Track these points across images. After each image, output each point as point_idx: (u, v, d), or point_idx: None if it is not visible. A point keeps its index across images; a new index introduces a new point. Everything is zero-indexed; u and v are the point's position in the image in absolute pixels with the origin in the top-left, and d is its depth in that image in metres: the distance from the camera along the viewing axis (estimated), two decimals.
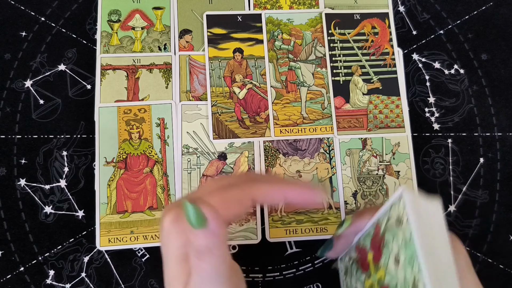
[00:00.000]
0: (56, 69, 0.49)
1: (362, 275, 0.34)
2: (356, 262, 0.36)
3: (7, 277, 0.44)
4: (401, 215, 0.29)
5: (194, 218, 0.26)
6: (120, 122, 0.47)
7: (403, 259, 0.28)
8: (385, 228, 0.31)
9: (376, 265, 0.32)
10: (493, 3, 0.55)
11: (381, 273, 0.31)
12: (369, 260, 0.33)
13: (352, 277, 0.37)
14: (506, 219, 0.48)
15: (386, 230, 0.31)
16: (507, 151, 0.50)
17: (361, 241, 0.35)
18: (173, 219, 0.28)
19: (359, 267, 0.35)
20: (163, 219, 0.29)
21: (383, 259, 0.31)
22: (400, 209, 0.29)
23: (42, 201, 0.46)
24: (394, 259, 0.29)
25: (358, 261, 0.35)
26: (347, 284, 0.38)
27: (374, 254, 0.32)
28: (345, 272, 0.39)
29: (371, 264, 0.33)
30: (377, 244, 0.32)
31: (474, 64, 0.53)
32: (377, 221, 0.32)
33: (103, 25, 0.50)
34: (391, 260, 0.30)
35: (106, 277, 0.44)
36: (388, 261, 0.30)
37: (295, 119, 0.49)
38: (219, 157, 0.48)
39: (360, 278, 0.35)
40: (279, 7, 0.53)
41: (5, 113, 0.48)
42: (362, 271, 0.34)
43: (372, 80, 0.51)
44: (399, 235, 0.29)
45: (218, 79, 0.49)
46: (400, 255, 0.29)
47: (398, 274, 0.29)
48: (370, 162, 0.48)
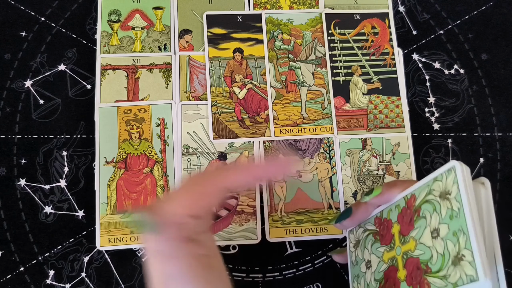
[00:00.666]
0: (56, 69, 0.49)
1: (381, 248, 0.34)
2: (374, 235, 0.36)
3: (7, 277, 0.44)
4: (449, 188, 0.29)
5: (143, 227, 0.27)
6: (120, 122, 0.47)
7: (445, 233, 0.28)
8: (424, 200, 0.31)
9: (403, 237, 0.32)
10: (493, 3, 0.55)
11: (410, 246, 0.31)
12: (394, 232, 0.33)
13: (364, 249, 0.36)
14: (506, 219, 0.48)
15: (425, 202, 0.31)
16: (507, 151, 0.50)
17: (384, 214, 0.35)
18: None
19: (377, 240, 0.35)
20: None
21: (415, 231, 0.31)
22: (448, 182, 0.29)
23: (42, 201, 0.46)
24: (431, 232, 0.29)
25: (377, 234, 0.35)
26: (356, 256, 0.38)
27: (402, 227, 0.32)
28: (355, 245, 0.38)
29: (396, 236, 0.32)
30: (408, 217, 0.32)
31: (474, 64, 0.53)
32: (413, 194, 0.32)
33: (103, 25, 0.50)
34: (427, 232, 0.30)
35: (106, 277, 0.44)
36: (423, 234, 0.30)
37: (295, 119, 0.49)
38: (219, 157, 0.48)
39: (377, 251, 0.34)
40: (279, 7, 0.53)
41: (5, 113, 0.48)
42: (381, 244, 0.34)
43: (372, 80, 0.51)
44: (443, 208, 0.29)
45: (218, 79, 0.49)
46: (441, 228, 0.29)
47: (436, 247, 0.29)
48: (370, 162, 0.48)
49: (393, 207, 0.34)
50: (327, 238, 0.46)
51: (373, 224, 0.36)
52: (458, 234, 0.27)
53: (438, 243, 0.29)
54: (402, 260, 0.31)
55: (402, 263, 0.31)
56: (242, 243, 0.46)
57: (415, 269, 0.30)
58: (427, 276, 0.29)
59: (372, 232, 0.36)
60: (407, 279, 0.30)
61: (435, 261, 0.28)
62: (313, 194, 0.47)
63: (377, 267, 0.34)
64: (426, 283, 0.28)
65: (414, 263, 0.30)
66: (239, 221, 0.46)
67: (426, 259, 0.29)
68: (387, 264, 0.33)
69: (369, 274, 0.35)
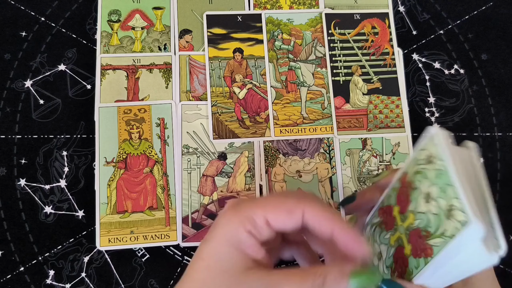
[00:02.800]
0: (56, 69, 0.49)
1: (387, 235, 0.34)
2: (379, 225, 0.36)
3: (7, 277, 0.44)
4: (432, 151, 0.30)
5: None
6: (120, 122, 0.47)
7: (436, 192, 0.29)
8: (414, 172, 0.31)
9: (403, 215, 0.32)
10: (493, 3, 0.55)
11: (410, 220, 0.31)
12: (395, 214, 0.33)
13: (374, 243, 0.36)
14: (506, 219, 0.48)
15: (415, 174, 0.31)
16: (507, 151, 0.50)
17: (384, 202, 0.35)
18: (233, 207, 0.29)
19: (383, 229, 0.35)
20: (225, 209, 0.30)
21: (412, 204, 0.31)
22: (430, 147, 0.30)
23: (42, 201, 0.46)
24: (424, 198, 0.30)
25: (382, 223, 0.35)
26: None
27: (401, 206, 0.32)
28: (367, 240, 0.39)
29: (397, 217, 0.33)
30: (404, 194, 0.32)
31: (474, 64, 0.53)
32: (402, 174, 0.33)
33: (103, 25, 0.50)
34: (421, 200, 0.30)
35: (106, 277, 0.44)
36: (418, 202, 0.30)
37: (295, 119, 0.49)
38: (219, 157, 0.48)
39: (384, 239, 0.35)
40: (279, 7, 0.53)
41: (5, 113, 0.48)
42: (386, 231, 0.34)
43: (372, 80, 0.51)
44: (430, 172, 0.29)
45: (218, 79, 0.49)
46: (432, 190, 0.29)
47: (430, 209, 0.29)
48: (370, 162, 0.48)
49: (391, 192, 0.35)
50: None
51: (378, 216, 0.36)
52: (446, 188, 0.28)
53: (432, 206, 0.29)
54: (405, 237, 0.32)
55: (406, 239, 0.31)
56: None
57: (417, 239, 0.30)
58: (428, 240, 0.29)
59: (378, 224, 0.36)
60: (413, 253, 0.30)
61: (432, 223, 0.29)
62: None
63: (386, 254, 0.34)
64: (428, 248, 0.28)
65: (416, 234, 0.30)
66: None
67: (424, 225, 0.29)
68: (394, 247, 0.33)
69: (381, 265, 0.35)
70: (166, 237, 0.45)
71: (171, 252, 0.46)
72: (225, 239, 0.29)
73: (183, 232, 0.45)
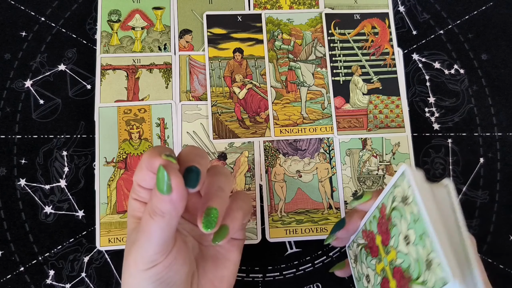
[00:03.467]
0: (56, 69, 0.49)
1: (373, 260, 0.34)
2: (365, 248, 0.35)
3: (7, 277, 0.44)
4: (406, 193, 0.29)
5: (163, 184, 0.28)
6: (120, 122, 0.47)
7: (414, 238, 0.28)
8: (391, 208, 0.31)
9: (385, 247, 0.32)
10: (493, 3, 0.55)
11: (392, 255, 0.31)
12: (378, 243, 0.33)
13: (362, 263, 0.36)
14: (506, 219, 0.48)
15: (392, 210, 0.31)
16: (507, 151, 0.50)
17: (367, 226, 0.35)
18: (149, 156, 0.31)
19: (368, 253, 0.35)
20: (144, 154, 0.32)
21: (392, 240, 0.31)
22: (404, 187, 0.29)
23: (42, 201, 0.46)
24: (404, 239, 0.29)
25: (367, 246, 0.35)
26: (358, 271, 0.38)
27: (383, 237, 0.32)
28: (354, 260, 0.38)
29: (380, 247, 0.32)
30: (384, 226, 0.32)
31: (474, 64, 0.53)
32: (382, 203, 0.32)
33: (103, 25, 0.50)
34: (401, 240, 0.29)
35: (106, 277, 0.44)
36: (398, 242, 0.30)
37: (295, 119, 0.49)
38: (219, 157, 0.48)
39: (371, 264, 0.34)
40: (279, 7, 0.53)
41: (5, 113, 0.48)
42: (372, 256, 0.34)
43: (372, 80, 0.51)
44: (407, 214, 0.29)
45: (218, 79, 0.49)
46: (410, 234, 0.28)
47: (410, 254, 0.28)
48: (370, 162, 0.48)
49: (371, 218, 0.34)
50: None
51: (362, 238, 0.36)
52: (423, 237, 0.27)
53: (411, 249, 0.28)
54: (390, 270, 0.31)
55: (391, 273, 0.31)
56: None
57: (401, 278, 0.29)
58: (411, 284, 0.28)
59: (363, 245, 0.36)
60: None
61: (413, 268, 0.28)
62: (313, 194, 0.47)
63: (374, 280, 0.34)
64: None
65: (399, 273, 0.30)
66: None
67: (406, 266, 0.29)
68: (381, 276, 0.33)
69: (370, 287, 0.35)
70: None
71: None
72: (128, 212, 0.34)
73: None
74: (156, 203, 0.29)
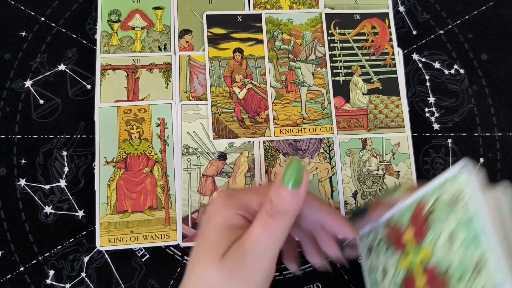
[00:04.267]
0: (56, 69, 0.49)
1: (395, 254, 0.33)
2: (386, 241, 0.34)
3: (7, 277, 0.44)
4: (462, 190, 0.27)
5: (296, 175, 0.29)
6: (120, 122, 0.47)
7: (462, 239, 0.27)
8: (435, 205, 0.29)
9: (417, 244, 0.30)
10: (493, 3, 0.55)
11: (425, 253, 0.29)
12: (407, 239, 0.32)
13: (378, 256, 0.35)
14: None
15: (436, 208, 0.29)
16: (507, 151, 0.50)
17: (394, 219, 0.34)
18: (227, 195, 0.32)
19: (390, 246, 0.34)
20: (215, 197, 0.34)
21: (428, 238, 0.29)
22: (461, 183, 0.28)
23: (42, 201, 0.46)
24: (446, 239, 0.28)
25: (390, 239, 0.34)
26: (370, 263, 0.37)
27: (416, 231, 0.31)
28: (367, 251, 0.37)
29: (410, 243, 0.31)
30: (421, 221, 0.30)
31: (474, 64, 0.53)
32: (422, 198, 0.31)
33: (103, 25, 0.50)
34: (442, 240, 0.28)
35: (106, 277, 0.44)
36: (437, 241, 0.28)
37: (295, 119, 0.49)
38: (219, 157, 0.48)
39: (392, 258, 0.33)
40: (279, 7, 0.53)
41: (5, 113, 0.48)
42: (394, 250, 0.33)
43: (372, 80, 0.51)
44: (459, 213, 0.27)
45: (218, 79, 0.49)
46: (457, 235, 0.27)
47: (453, 255, 0.27)
48: (370, 162, 0.48)
49: (405, 211, 0.33)
50: None
51: (385, 229, 0.35)
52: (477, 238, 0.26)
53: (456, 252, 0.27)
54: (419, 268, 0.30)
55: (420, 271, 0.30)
56: None
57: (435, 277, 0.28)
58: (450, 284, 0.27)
59: (384, 238, 0.35)
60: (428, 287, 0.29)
61: (454, 270, 0.27)
62: None
63: (393, 275, 0.33)
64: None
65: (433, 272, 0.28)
66: None
67: (444, 268, 0.27)
68: (404, 272, 0.31)
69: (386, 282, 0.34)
70: (166, 237, 0.45)
71: (171, 252, 0.46)
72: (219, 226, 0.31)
73: (183, 232, 0.45)
74: (279, 202, 0.30)
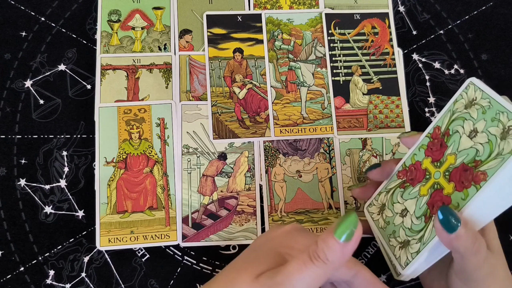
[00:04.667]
0: (56, 69, 0.49)
1: (415, 189, 0.36)
2: (399, 186, 0.38)
3: (7, 277, 0.44)
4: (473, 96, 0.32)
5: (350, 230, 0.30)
6: (120, 122, 0.47)
7: (483, 125, 0.31)
8: (450, 121, 0.34)
9: (438, 162, 0.34)
10: (493, 3, 0.55)
11: (449, 162, 0.33)
12: (426, 166, 0.35)
13: (393, 205, 0.38)
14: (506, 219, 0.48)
15: (452, 122, 0.34)
16: None
17: (407, 162, 0.38)
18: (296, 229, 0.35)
19: (407, 187, 0.37)
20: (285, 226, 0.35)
21: (450, 148, 0.33)
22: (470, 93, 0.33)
23: (42, 201, 0.46)
24: (468, 136, 0.32)
25: (404, 183, 0.37)
26: (384, 219, 0.39)
27: (433, 156, 0.35)
28: (378, 212, 0.39)
29: (430, 167, 0.35)
30: (437, 144, 0.35)
31: (474, 64, 0.53)
32: (435, 126, 0.35)
33: (103, 25, 0.50)
34: (464, 139, 0.32)
35: (106, 277, 0.44)
36: (460, 143, 0.33)
37: (295, 119, 0.49)
38: (219, 157, 0.48)
39: (411, 194, 0.36)
40: (279, 7, 0.53)
41: (5, 113, 0.48)
42: (413, 186, 0.36)
43: (372, 80, 0.51)
44: (473, 112, 0.32)
45: (218, 79, 0.49)
46: (479, 125, 0.31)
47: (478, 142, 0.31)
48: (370, 162, 0.48)
49: (416, 151, 0.37)
50: None
51: (397, 179, 0.38)
52: (497, 116, 0.30)
53: (479, 138, 0.31)
54: (444, 179, 0.33)
55: (446, 180, 0.33)
56: (242, 243, 0.45)
57: (462, 173, 0.32)
58: (479, 168, 0.30)
59: (397, 186, 0.38)
60: (457, 187, 0.32)
61: (482, 151, 0.31)
62: (313, 194, 0.47)
63: (416, 206, 0.35)
64: (480, 174, 0.30)
65: (460, 170, 0.32)
66: (239, 221, 0.46)
67: (471, 157, 0.31)
68: (427, 195, 0.34)
69: (408, 219, 0.36)
70: (166, 237, 0.45)
71: (171, 252, 0.46)
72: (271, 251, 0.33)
73: (183, 232, 0.45)
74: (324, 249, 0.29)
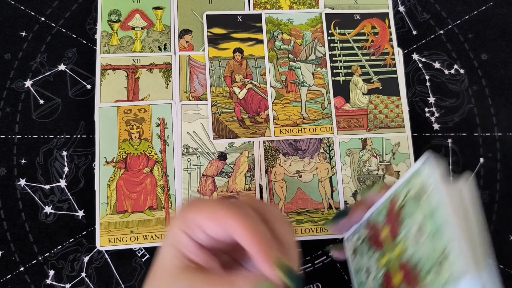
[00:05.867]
0: (56, 69, 0.49)
1: (376, 253, 0.33)
2: (368, 240, 0.35)
3: (7, 277, 0.44)
4: (426, 183, 0.28)
5: None
6: (120, 122, 0.47)
7: (429, 230, 0.27)
8: (405, 200, 0.30)
9: (394, 240, 0.31)
10: (493, 3, 0.55)
11: (399, 249, 0.30)
12: (384, 237, 0.32)
13: (362, 256, 0.36)
14: (506, 219, 0.48)
15: (405, 203, 0.30)
16: (507, 151, 0.50)
17: (373, 218, 0.34)
18: None
19: (371, 246, 0.34)
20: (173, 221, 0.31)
21: (401, 234, 0.30)
22: (424, 177, 0.28)
23: (42, 201, 0.46)
24: (416, 232, 0.28)
25: (370, 239, 0.34)
26: (356, 263, 0.37)
27: (391, 229, 0.31)
28: (353, 252, 0.38)
29: (387, 241, 0.32)
30: (395, 218, 0.31)
31: (474, 64, 0.53)
32: (394, 195, 0.32)
33: (103, 25, 0.50)
34: (412, 234, 0.29)
35: (106, 277, 0.44)
36: (408, 236, 0.29)
37: (295, 119, 0.49)
38: (219, 157, 0.48)
39: (373, 257, 0.34)
40: (279, 7, 0.53)
41: (5, 113, 0.48)
42: (375, 250, 0.34)
43: (372, 80, 0.51)
44: (424, 206, 0.28)
45: (218, 79, 0.49)
46: (425, 226, 0.28)
47: (422, 248, 0.28)
48: (370, 162, 0.48)
49: (380, 209, 0.34)
50: (327, 238, 0.46)
51: (366, 229, 0.36)
52: (440, 230, 0.26)
53: (425, 243, 0.28)
54: (395, 264, 0.31)
55: (397, 267, 0.31)
56: None
57: (409, 272, 0.29)
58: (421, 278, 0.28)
59: (365, 238, 0.36)
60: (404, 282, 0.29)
61: (424, 262, 0.27)
62: (313, 194, 0.47)
63: (375, 273, 0.34)
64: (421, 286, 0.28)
65: (407, 266, 0.29)
66: None
67: (416, 260, 0.28)
68: (384, 269, 0.32)
69: (370, 282, 0.34)
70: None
71: None
72: (169, 240, 0.30)
73: None
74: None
